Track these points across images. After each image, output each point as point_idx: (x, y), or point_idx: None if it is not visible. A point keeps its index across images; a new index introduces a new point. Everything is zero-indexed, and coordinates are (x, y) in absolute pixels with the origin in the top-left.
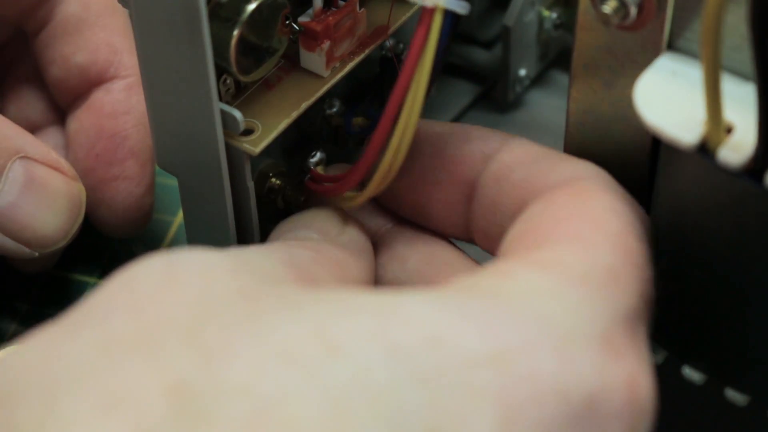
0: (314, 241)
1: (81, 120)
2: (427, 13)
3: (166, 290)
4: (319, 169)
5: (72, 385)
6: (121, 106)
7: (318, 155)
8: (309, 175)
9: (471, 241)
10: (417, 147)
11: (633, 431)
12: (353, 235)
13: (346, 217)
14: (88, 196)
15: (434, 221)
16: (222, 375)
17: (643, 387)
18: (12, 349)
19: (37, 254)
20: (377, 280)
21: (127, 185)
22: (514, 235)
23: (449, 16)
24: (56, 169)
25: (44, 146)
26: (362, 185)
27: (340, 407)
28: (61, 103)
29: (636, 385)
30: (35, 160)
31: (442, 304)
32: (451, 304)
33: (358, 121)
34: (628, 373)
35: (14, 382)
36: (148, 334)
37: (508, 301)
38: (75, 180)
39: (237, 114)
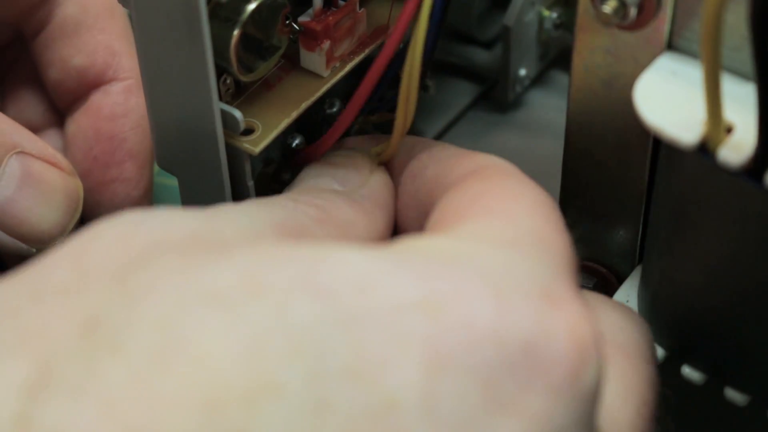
0: (328, 195)
1: (79, 122)
2: None
3: (115, 244)
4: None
5: None
6: (119, 109)
7: (298, 139)
8: (291, 155)
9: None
10: (404, 168)
11: (576, 378)
12: (375, 187)
13: (374, 166)
14: (85, 199)
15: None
16: (138, 310)
17: (585, 334)
18: None
19: (34, 251)
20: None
21: (124, 188)
22: (433, 221)
23: None
24: (53, 164)
25: (41, 142)
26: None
27: (257, 344)
28: (59, 106)
29: (577, 333)
30: (32, 156)
31: (376, 254)
32: (386, 254)
33: (357, 122)
34: (567, 321)
35: None
36: (79, 279)
37: (444, 257)
38: (72, 175)
39: (237, 114)
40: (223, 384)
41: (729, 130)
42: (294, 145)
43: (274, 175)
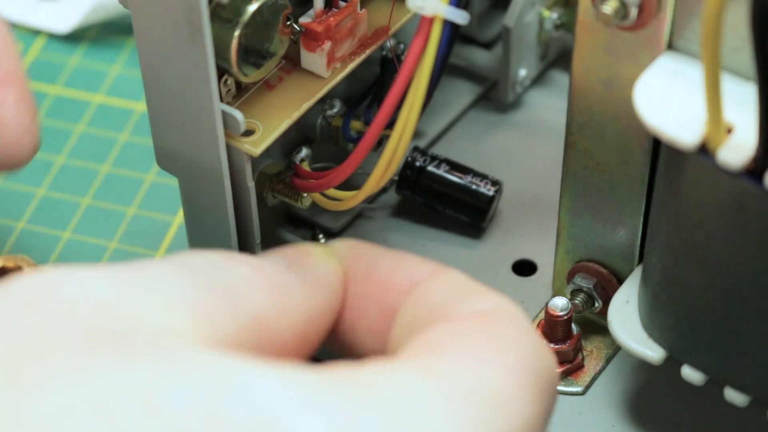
0: (269, 258)
1: None
2: (426, 21)
3: (14, 317)
4: (305, 165)
5: None
6: None
7: (304, 151)
8: (294, 171)
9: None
10: (350, 271)
11: None
12: (323, 269)
13: (329, 257)
14: None
15: (355, 347)
16: (25, 406)
17: None
18: None
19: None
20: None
21: (14, 112)
22: (412, 341)
23: (448, 24)
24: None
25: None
26: (346, 187)
27: None
28: None
29: None
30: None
31: (297, 385)
32: (311, 389)
33: (356, 125)
34: None
35: None
36: None
37: (379, 399)
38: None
39: (238, 115)
40: None
41: (729, 130)
42: (299, 161)
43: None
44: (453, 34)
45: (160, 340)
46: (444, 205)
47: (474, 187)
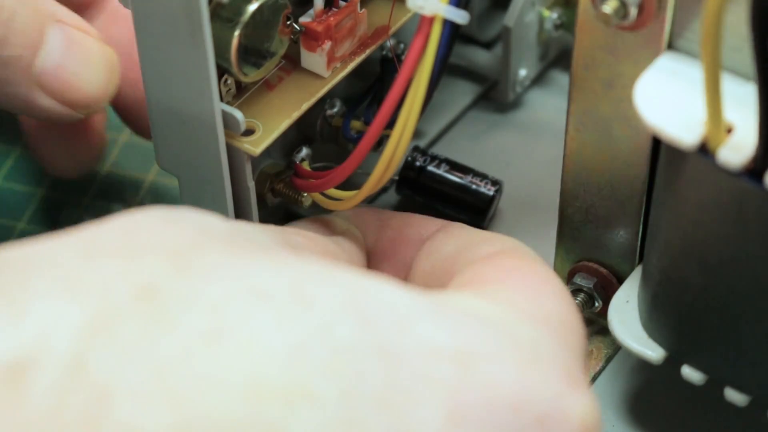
0: (308, 232)
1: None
2: (426, 21)
3: (164, 225)
4: (305, 165)
5: (44, 270)
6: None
7: (304, 151)
8: (294, 171)
9: None
10: (362, 232)
11: None
12: (349, 238)
13: (341, 229)
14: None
15: None
16: (195, 289)
17: (595, 421)
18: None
19: (81, 116)
20: None
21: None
22: (458, 284)
23: (448, 24)
24: (87, 33)
25: (73, 12)
26: (346, 186)
27: (301, 351)
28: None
29: (588, 418)
30: (69, 25)
31: (416, 295)
32: (425, 298)
33: (356, 125)
34: (582, 404)
35: None
36: (132, 249)
37: (479, 316)
38: (105, 43)
39: (238, 114)
40: (266, 379)
41: (729, 130)
42: (300, 160)
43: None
44: (453, 33)
45: (286, 248)
46: (444, 204)
47: (474, 186)
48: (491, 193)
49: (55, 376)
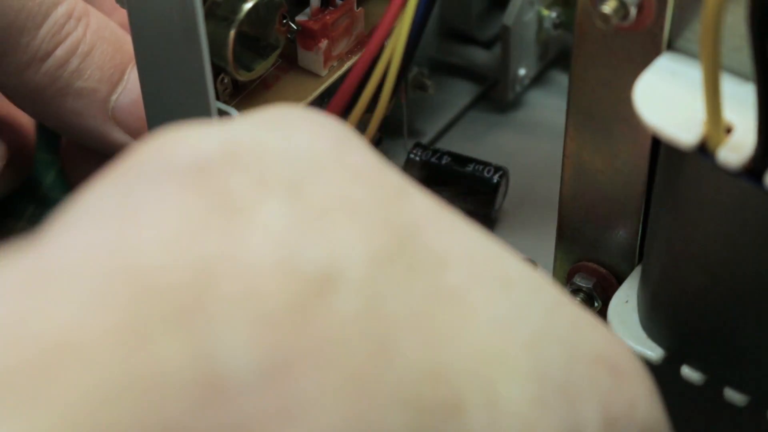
0: None
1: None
2: None
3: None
4: None
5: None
6: None
7: None
8: None
9: None
10: None
11: None
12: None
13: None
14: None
15: None
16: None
17: None
18: None
19: None
20: None
21: None
22: None
23: None
24: None
25: None
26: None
27: (509, 325)
28: None
29: None
30: None
31: (582, 312)
32: (587, 313)
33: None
34: None
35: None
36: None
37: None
38: None
39: (234, 113)
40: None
41: (729, 130)
42: None
43: None
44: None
45: None
46: (450, 193)
47: (479, 174)
48: (495, 179)
49: (352, 299)
